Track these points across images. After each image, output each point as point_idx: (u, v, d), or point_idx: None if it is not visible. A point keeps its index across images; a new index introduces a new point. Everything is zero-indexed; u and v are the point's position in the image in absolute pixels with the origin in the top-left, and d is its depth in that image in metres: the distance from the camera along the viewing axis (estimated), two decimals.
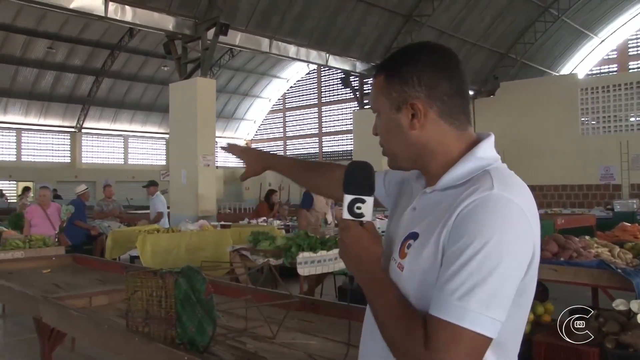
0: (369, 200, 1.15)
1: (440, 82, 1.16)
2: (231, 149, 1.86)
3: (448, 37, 19.63)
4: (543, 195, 19.95)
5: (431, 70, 1.16)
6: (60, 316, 2.91)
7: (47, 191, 8.06)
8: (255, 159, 1.81)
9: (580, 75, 21.33)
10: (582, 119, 20.71)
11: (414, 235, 1.15)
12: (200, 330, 2.09)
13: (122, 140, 32.69)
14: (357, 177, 1.17)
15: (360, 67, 19.39)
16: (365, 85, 20.51)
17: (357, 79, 20.39)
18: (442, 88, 1.16)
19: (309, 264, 5.40)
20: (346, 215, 1.15)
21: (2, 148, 28.38)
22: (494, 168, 1.13)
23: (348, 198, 1.15)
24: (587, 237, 4.58)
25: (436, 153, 1.18)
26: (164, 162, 32.86)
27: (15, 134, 28.60)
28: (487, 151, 1.16)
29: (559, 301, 3.72)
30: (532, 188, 1.17)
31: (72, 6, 12.19)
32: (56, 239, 7.54)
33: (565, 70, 26.50)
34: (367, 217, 1.15)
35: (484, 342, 1.00)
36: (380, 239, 1.18)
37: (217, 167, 15.16)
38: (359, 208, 1.14)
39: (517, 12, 20.68)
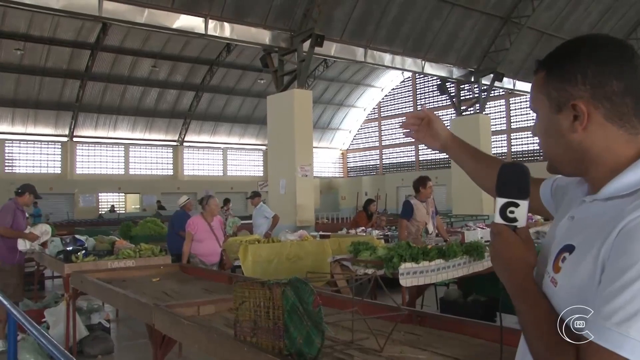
0: (523, 204, 1.08)
1: (608, 80, 1.03)
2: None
3: (549, 38, 18.79)
4: None
5: (597, 67, 1.04)
6: (172, 324, 3.00)
7: (216, 200, 6.98)
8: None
9: None
10: None
11: (569, 248, 1.06)
12: (308, 342, 2.06)
13: (221, 152, 33.88)
14: (511, 179, 1.10)
15: (456, 73, 18.98)
16: (462, 92, 20.05)
17: (454, 85, 19.97)
18: (611, 87, 1.03)
19: (410, 274, 5.28)
20: (498, 219, 1.09)
21: (113, 162, 30.23)
22: None
23: (501, 201, 1.10)
24: None
25: (600, 159, 1.07)
26: (261, 173, 33.72)
27: (123, 149, 30.40)
28: None
29: None
30: None
31: (175, 26, 12.85)
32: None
33: None
34: (521, 222, 1.09)
35: None
36: (534, 247, 1.10)
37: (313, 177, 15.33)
38: (511, 212, 1.08)
39: (628, 3, 19.42)
